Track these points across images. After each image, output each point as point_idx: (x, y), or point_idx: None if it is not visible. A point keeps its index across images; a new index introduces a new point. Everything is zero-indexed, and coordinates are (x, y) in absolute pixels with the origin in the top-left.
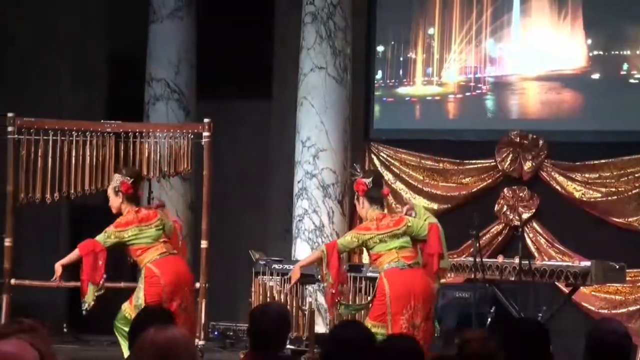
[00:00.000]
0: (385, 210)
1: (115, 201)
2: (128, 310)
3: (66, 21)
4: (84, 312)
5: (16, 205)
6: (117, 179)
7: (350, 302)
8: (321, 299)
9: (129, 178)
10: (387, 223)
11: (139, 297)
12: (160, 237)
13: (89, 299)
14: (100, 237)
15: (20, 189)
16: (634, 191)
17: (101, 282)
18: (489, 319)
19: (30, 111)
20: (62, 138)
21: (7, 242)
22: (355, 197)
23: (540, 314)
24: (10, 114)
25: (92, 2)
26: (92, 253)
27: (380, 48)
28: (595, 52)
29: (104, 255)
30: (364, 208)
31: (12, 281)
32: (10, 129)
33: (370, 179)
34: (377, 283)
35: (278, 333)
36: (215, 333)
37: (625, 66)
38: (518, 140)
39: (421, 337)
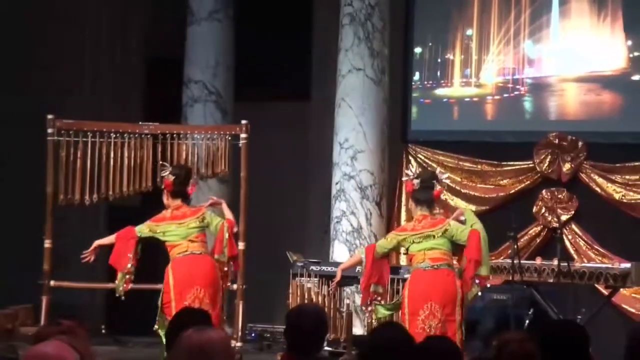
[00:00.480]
0: (436, 211)
1: (164, 198)
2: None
3: (104, 23)
4: (122, 297)
5: (55, 206)
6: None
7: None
8: (359, 300)
9: (171, 176)
10: (423, 224)
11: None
12: (189, 235)
13: (118, 285)
14: (138, 227)
15: (60, 190)
16: None
17: (125, 268)
18: (527, 321)
19: (69, 113)
20: (101, 140)
21: (47, 244)
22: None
23: (580, 316)
24: (50, 116)
25: (130, 4)
26: (124, 239)
27: (418, 49)
28: (636, 53)
29: (133, 244)
30: (411, 208)
31: (52, 283)
32: (49, 130)
33: (419, 180)
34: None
35: (315, 334)
36: (253, 335)
37: None
38: (557, 141)
39: None
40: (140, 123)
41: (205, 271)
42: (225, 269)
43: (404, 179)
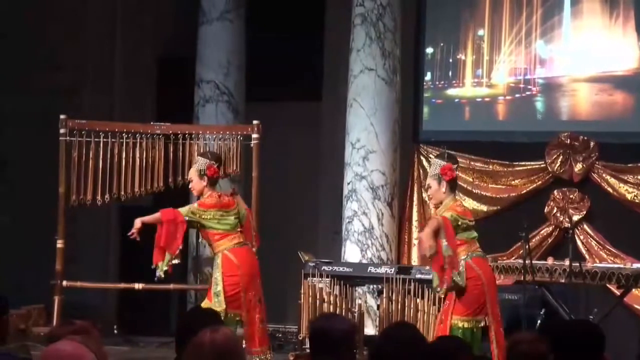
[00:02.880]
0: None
1: (199, 184)
2: (209, 304)
3: (116, 23)
4: (156, 279)
5: (67, 207)
6: (202, 162)
7: (400, 306)
8: (370, 300)
9: (214, 162)
10: None
11: (217, 285)
12: (237, 225)
13: (163, 266)
14: (183, 210)
15: (72, 190)
16: None
17: (177, 252)
18: (539, 321)
19: (81, 113)
20: (113, 140)
21: (59, 244)
22: None
23: (592, 317)
24: (62, 116)
25: (142, 4)
26: (173, 222)
27: (429, 49)
28: None
29: (183, 228)
30: None
31: (64, 283)
32: (62, 130)
33: None
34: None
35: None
36: None
37: None
38: (568, 142)
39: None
40: (152, 123)
41: (257, 262)
42: None
43: None
